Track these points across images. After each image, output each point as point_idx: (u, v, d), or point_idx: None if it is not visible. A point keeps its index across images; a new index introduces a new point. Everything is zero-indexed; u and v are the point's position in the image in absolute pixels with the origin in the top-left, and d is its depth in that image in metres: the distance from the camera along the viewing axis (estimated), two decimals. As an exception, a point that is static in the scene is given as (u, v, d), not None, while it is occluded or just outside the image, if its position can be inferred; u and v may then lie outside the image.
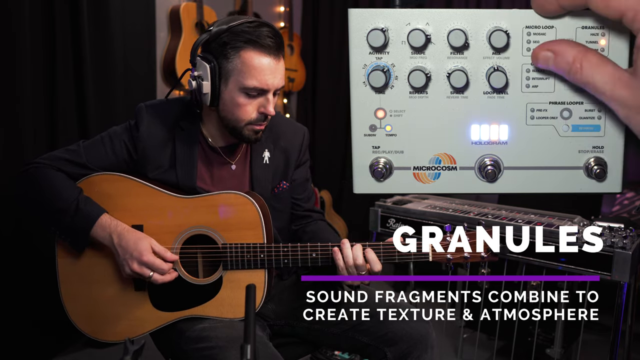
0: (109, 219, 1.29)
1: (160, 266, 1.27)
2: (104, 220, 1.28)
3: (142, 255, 1.25)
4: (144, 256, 1.25)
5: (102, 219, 1.28)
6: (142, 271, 1.26)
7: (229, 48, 1.27)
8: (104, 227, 1.28)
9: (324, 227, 1.56)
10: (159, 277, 1.27)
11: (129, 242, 1.26)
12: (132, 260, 1.26)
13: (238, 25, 1.27)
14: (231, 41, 1.27)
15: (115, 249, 1.27)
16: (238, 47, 1.26)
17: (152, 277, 1.27)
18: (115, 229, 1.28)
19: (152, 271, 1.27)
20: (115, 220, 1.29)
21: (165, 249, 1.30)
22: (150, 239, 1.28)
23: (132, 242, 1.26)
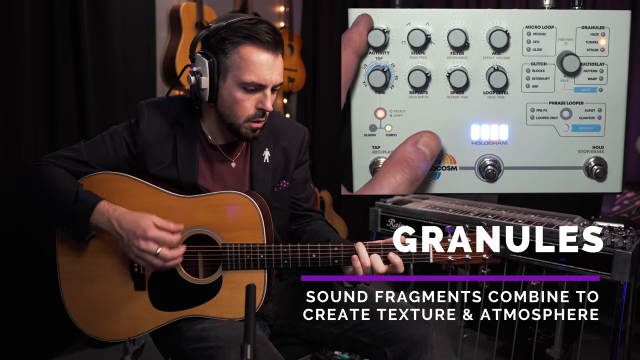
0: (108, 204, 1.28)
1: (167, 237, 1.24)
2: (103, 206, 1.27)
3: (147, 231, 1.22)
4: (149, 232, 1.22)
5: (101, 204, 1.27)
6: (149, 247, 1.22)
7: (228, 43, 1.27)
8: (102, 213, 1.27)
9: (323, 227, 1.56)
10: (167, 252, 1.24)
11: (129, 222, 1.24)
12: (137, 239, 1.23)
13: (237, 21, 1.28)
14: (229, 37, 1.27)
15: (118, 233, 1.26)
16: (236, 42, 1.27)
17: (159, 253, 1.23)
18: (113, 214, 1.26)
19: (160, 245, 1.24)
20: (113, 205, 1.28)
21: (167, 221, 1.26)
22: (151, 216, 1.25)
23: (133, 221, 1.24)
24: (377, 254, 1.27)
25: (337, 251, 1.29)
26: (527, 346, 2.19)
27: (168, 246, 1.24)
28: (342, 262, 1.29)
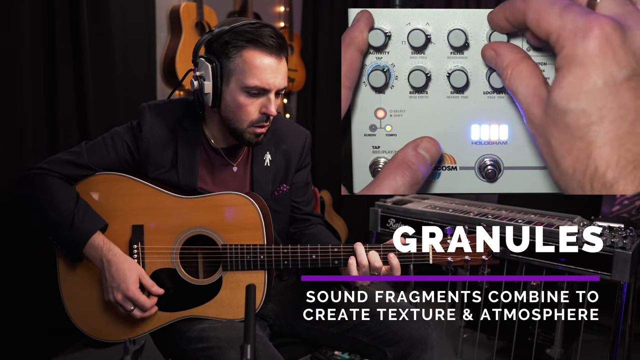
0: (102, 241, 1.29)
1: (144, 303, 1.27)
2: (97, 241, 1.29)
3: (128, 290, 1.26)
4: (129, 291, 1.26)
5: (95, 239, 1.28)
6: (125, 304, 1.27)
7: (231, 47, 1.27)
8: (95, 249, 1.28)
9: (322, 231, 1.56)
10: (139, 313, 1.28)
11: (118, 271, 1.27)
12: (117, 292, 1.26)
13: (240, 25, 1.27)
14: (233, 40, 1.26)
15: (104, 274, 1.29)
16: (240, 46, 1.26)
17: (132, 311, 1.28)
18: (106, 254, 1.28)
19: (135, 306, 1.28)
20: (107, 242, 1.29)
21: (152, 283, 1.30)
22: (139, 271, 1.29)
23: (120, 272, 1.27)
24: (375, 251, 1.27)
25: (337, 252, 1.29)
26: (527, 346, 2.19)
27: (141, 309, 1.28)
28: (342, 263, 1.29)
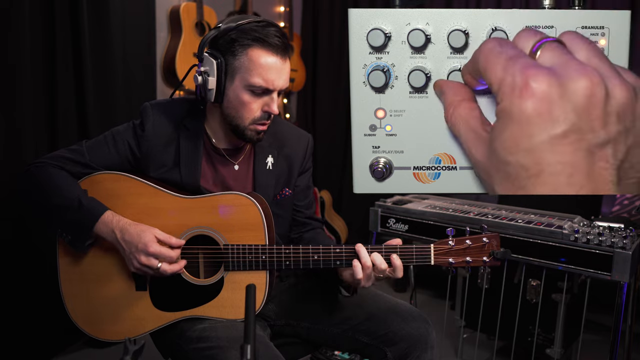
0: (112, 215, 1.28)
1: (168, 254, 1.25)
2: (107, 216, 1.27)
3: (148, 247, 1.23)
4: (150, 247, 1.23)
5: (106, 215, 1.27)
6: (150, 262, 1.23)
7: (237, 45, 1.27)
8: (106, 224, 1.27)
9: (321, 235, 1.56)
10: (167, 266, 1.25)
11: (132, 235, 1.25)
12: (139, 254, 1.24)
13: (246, 23, 1.28)
14: (239, 38, 1.27)
15: (120, 245, 1.26)
16: (246, 44, 1.27)
17: (160, 268, 1.24)
18: (117, 224, 1.27)
19: (160, 261, 1.25)
20: (117, 215, 1.29)
21: (169, 236, 1.27)
22: (153, 229, 1.27)
23: (135, 235, 1.25)
24: (378, 253, 1.26)
25: (339, 253, 1.28)
26: (527, 346, 2.19)
27: (168, 261, 1.25)
28: (344, 263, 1.29)
